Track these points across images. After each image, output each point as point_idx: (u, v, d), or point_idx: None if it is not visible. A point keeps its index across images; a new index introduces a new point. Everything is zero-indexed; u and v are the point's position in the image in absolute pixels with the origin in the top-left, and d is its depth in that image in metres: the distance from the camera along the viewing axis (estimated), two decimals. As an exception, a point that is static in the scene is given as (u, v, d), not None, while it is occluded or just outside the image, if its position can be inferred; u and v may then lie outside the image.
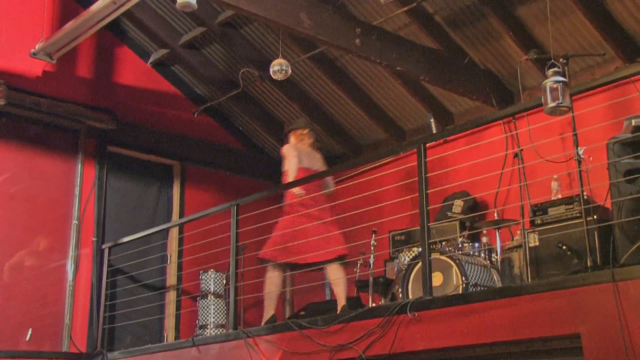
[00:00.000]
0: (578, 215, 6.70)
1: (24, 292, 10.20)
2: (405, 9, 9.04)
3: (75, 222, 10.80)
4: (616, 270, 5.44)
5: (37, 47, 10.18)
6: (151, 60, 11.83)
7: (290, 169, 8.94)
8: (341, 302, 8.46)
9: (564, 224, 6.85)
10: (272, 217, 10.25)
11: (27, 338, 10.01)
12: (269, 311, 8.84)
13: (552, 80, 5.82)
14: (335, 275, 8.60)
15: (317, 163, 9.35)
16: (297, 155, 9.06)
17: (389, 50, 8.98)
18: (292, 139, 9.40)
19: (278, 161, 11.95)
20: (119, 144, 11.49)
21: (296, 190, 8.57)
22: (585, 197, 6.62)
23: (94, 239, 10.91)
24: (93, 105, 11.10)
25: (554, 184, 7.91)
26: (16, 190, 10.39)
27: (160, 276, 11.47)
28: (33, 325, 10.11)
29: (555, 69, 5.89)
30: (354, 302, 8.22)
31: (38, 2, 10.66)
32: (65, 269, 10.61)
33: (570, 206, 6.92)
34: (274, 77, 8.88)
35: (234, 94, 11.54)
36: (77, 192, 10.91)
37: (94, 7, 9.29)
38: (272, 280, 8.87)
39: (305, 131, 9.44)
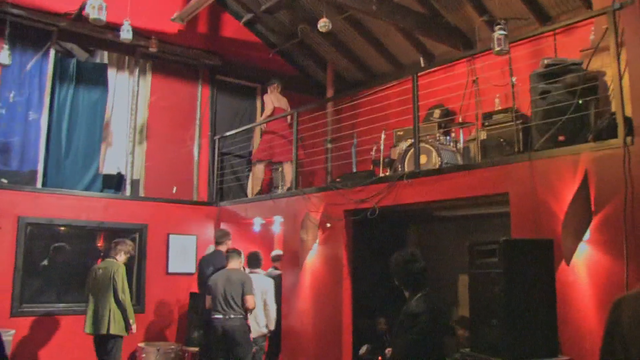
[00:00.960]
0: (510, 120, 6.79)
1: (172, 164, 10.58)
2: (404, -13, 9.14)
3: (197, 122, 11.05)
4: (531, 153, 5.72)
5: (175, 15, 10.13)
6: (243, 20, 11.73)
7: (266, 108, 10.63)
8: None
9: (502, 125, 6.93)
10: (320, 118, 10.53)
11: (174, 191, 10.45)
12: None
13: (498, 33, 5.95)
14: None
15: (282, 103, 10.70)
16: (270, 100, 10.59)
17: (394, 13, 9.04)
18: (269, 90, 10.83)
19: (323, 84, 12.23)
20: (223, 74, 11.57)
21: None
22: (515, 108, 6.79)
23: (209, 132, 11.15)
24: (207, 50, 11.23)
25: (497, 100, 8.06)
26: (165, 104, 10.67)
27: (249, 157, 11.55)
28: (177, 184, 10.56)
29: (500, 26, 6.03)
30: (370, 173, 8.35)
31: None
32: (194, 151, 10.93)
33: (506, 114, 6.97)
34: (320, 30, 8.69)
35: (295, 41, 11.54)
36: (198, 104, 11.11)
37: (209, -11, 9.44)
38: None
39: (275, 85, 10.80)
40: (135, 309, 8.11)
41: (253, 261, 8.57)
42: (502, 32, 5.95)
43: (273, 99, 10.59)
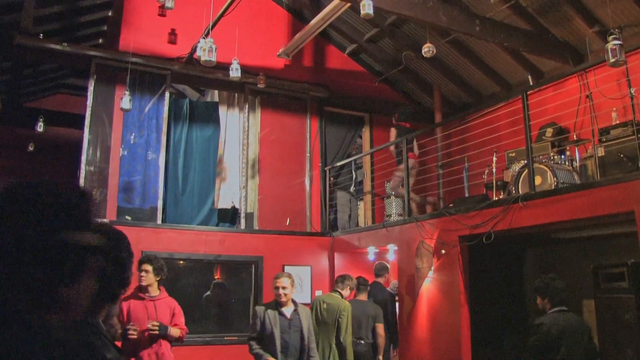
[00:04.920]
0: (630, 134, 6.40)
1: (284, 197, 10.65)
2: (507, 5, 8.82)
3: (308, 154, 11.09)
4: (657, 169, 5.33)
5: (280, 51, 10.43)
6: (347, 51, 11.85)
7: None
8: None
9: (621, 140, 6.53)
10: (429, 145, 10.34)
11: (287, 223, 10.48)
12: None
13: (612, 43, 5.70)
14: None
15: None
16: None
17: (498, 33, 8.78)
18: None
19: (430, 109, 12.08)
20: (331, 105, 11.60)
21: None
22: (636, 121, 6.41)
23: (320, 164, 11.17)
24: (314, 82, 11.34)
25: (614, 114, 7.63)
26: (275, 138, 10.82)
27: (359, 185, 11.62)
28: (290, 216, 10.58)
29: (614, 35, 5.75)
30: (483, 197, 8.12)
31: (278, 25, 10.98)
32: (305, 183, 10.96)
33: (625, 128, 6.55)
34: (424, 55, 8.65)
35: (399, 68, 11.41)
36: (308, 136, 11.17)
37: (311, 23, 9.54)
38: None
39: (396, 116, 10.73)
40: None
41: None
42: (616, 41, 5.72)
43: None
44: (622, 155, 6.45)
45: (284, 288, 6.22)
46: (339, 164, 10.87)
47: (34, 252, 1.42)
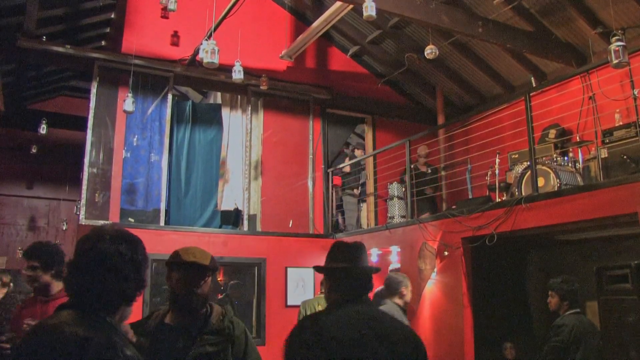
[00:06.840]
0: (634, 135, 6.39)
1: (287, 198, 10.65)
2: (510, 6, 8.82)
3: (311, 156, 11.08)
4: (660, 171, 5.31)
5: (282, 52, 10.44)
6: (349, 53, 11.85)
7: None
8: None
9: (624, 141, 6.52)
10: (432, 147, 10.34)
11: (290, 225, 10.46)
12: None
13: (615, 45, 5.70)
14: None
15: None
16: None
17: (501, 34, 8.77)
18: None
19: (433, 111, 12.07)
20: (333, 107, 11.60)
21: None
22: (639, 123, 6.41)
23: (323, 166, 11.15)
24: (316, 84, 11.34)
25: (617, 116, 7.63)
26: (278, 140, 10.81)
27: (362, 187, 11.57)
28: (293, 218, 10.56)
29: (617, 37, 5.75)
30: (486, 199, 8.09)
31: (281, 27, 10.99)
32: (307, 185, 10.94)
33: (629, 129, 6.55)
34: (427, 57, 8.65)
35: (402, 70, 11.38)
36: (310, 138, 11.16)
37: (314, 25, 9.54)
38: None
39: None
40: (255, 342, 8.18)
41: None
42: (619, 43, 5.72)
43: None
44: (625, 157, 6.43)
45: None
46: (340, 166, 10.85)
47: None
